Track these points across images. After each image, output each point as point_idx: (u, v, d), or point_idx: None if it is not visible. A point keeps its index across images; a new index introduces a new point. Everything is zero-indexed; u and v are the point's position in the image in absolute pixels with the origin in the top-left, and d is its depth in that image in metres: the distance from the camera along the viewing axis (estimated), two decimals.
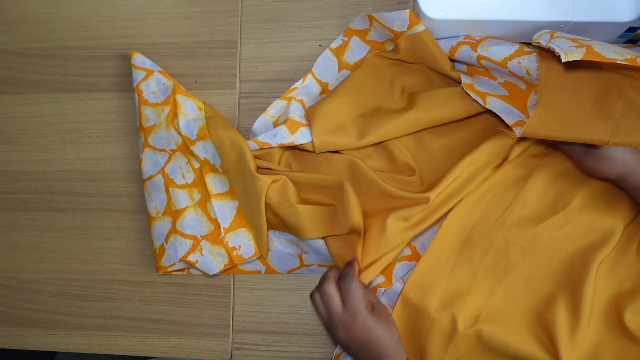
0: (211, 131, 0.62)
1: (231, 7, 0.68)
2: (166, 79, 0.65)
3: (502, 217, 0.58)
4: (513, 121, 0.55)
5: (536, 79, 0.53)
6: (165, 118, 0.64)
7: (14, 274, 0.70)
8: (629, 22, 0.53)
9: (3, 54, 0.72)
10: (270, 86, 0.67)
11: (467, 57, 0.58)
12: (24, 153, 0.71)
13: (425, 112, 0.58)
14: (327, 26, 0.67)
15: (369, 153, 0.63)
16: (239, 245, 0.62)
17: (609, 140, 0.48)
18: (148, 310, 0.67)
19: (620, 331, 0.54)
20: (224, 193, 0.63)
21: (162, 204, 0.64)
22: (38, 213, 0.70)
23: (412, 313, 0.58)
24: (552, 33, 0.51)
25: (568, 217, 0.57)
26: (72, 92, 0.71)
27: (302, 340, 0.64)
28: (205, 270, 0.63)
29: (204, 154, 0.63)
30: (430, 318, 0.56)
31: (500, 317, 0.56)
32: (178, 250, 0.63)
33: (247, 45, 0.68)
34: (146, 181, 0.65)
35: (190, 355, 0.66)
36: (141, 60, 0.66)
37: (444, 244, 0.59)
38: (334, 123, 0.60)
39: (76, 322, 0.68)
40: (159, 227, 0.64)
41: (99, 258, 0.69)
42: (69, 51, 0.71)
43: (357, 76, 0.62)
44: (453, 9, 0.55)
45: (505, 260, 0.57)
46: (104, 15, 0.71)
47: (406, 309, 0.58)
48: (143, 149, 0.65)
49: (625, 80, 0.48)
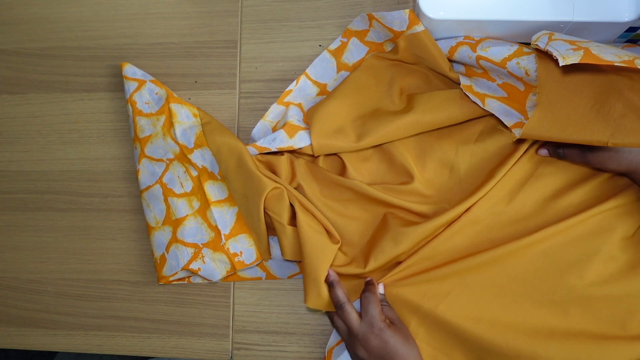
0: (208, 138, 0.62)
1: (231, 7, 0.68)
2: (159, 88, 0.65)
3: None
4: (512, 123, 0.55)
5: (535, 79, 0.53)
6: (161, 128, 0.64)
7: (14, 274, 0.70)
8: (629, 22, 0.53)
9: (3, 54, 0.72)
10: (270, 86, 0.67)
11: (466, 58, 0.58)
12: (24, 153, 0.71)
13: (424, 114, 0.58)
14: (327, 26, 0.67)
15: (368, 155, 0.63)
16: (240, 251, 0.62)
17: (609, 141, 0.48)
18: (148, 310, 0.67)
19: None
20: (223, 200, 0.63)
21: (162, 214, 0.64)
22: (38, 213, 0.70)
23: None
24: (550, 35, 0.50)
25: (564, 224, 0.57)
26: (72, 92, 0.71)
27: (302, 340, 0.64)
28: (208, 277, 0.63)
29: (202, 162, 0.62)
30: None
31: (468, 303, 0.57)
32: (180, 259, 0.63)
33: (247, 45, 0.68)
34: (144, 192, 0.65)
35: (190, 355, 0.66)
36: (132, 71, 0.66)
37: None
38: (332, 125, 0.60)
39: (76, 322, 0.68)
40: (159, 237, 0.64)
41: (99, 258, 0.69)
42: (69, 51, 0.71)
43: (355, 77, 0.62)
44: (453, 9, 0.55)
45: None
46: (104, 15, 0.71)
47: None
48: (139, 159, 0.65)
49: (624, 81, 0.48)
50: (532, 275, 0.56)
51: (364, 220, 0.62)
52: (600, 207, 0.55)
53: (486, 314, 0.56)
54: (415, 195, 0.60)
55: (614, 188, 0.57)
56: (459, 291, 0.57)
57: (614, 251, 0.55)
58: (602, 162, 0.54)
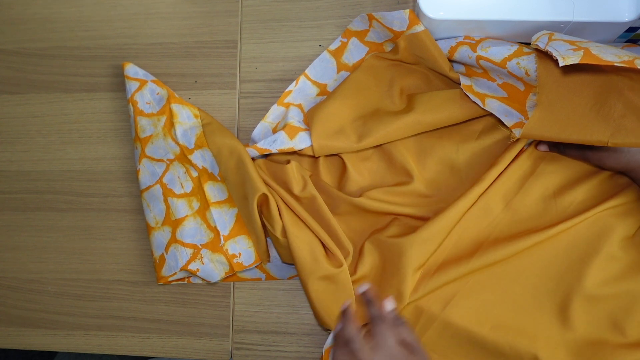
0: (208, 139, 0.62)
1: (231, 7, 0.68)
2: (160, 88, 0.65)
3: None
4: (512, 123, 0.55)
5: (535, 79, 0.53)
6: (162, 128, 0.64)
7: (14, 274, 0.70)
8: (629, 22, 0.53)
9: (3, 54, 0.72)
10: (270, 86, 0.67)
11: (466, 58, 0.58)
12: (24, 153, 0.71)
13: (425, 114, 0.58)
14: (327, 26, 0.66)
15: (368, 155, 0.63)
16: (239, 253, 0.62)
17: (608, 141, 0.48)
18: (148, 310, 0.67)
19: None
20: (222, 201, 0.63)
21: (161, 214, 0.64)
22: (38, 213, 0.70)
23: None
24: (550, 35, 0.50)
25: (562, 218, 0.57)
26: (72, 92, 0.71)
27: (302, 340, 0.64)
28: (207, 278, 0.63)
29: (202, 163, 0.62)
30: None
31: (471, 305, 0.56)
32: (178, 259, 0.63)
33: (247, 45, 0.68)
34: (144, 192, 0.65)
35: (190, 355, 0.66)
36: (134, 70, 0.66)
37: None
38: (333, 126, 0.60)
39: (76, 322, 0.68)
40: (159, 237, 0.64)
41: (99, 258, 0.69)
42: (69, 51, 0.71)
43: (355, 78, 0.62)
44: (453, 9, 0.55)
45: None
46: (104, 15, 0.71)
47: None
48: (140, 159, 0.65)
49: (624, 82, 0.48)
50: (534, 276, 0.56)
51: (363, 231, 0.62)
52: (601, 207, 0.55)
53: (489, 317, 0.56)
54: (415, 195, 0.60)
55: (615, 187, 0.57)
56: (462, 294, 0.57)
57: (615, 251, 0.55)
58: (601, 160, 0.55)
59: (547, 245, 0.56)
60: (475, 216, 0.58)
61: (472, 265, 0.56)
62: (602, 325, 0.54)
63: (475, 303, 0.56)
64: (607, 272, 0.55)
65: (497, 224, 0.58)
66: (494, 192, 0.59)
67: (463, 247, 0.58)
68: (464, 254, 0.58)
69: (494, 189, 0.58)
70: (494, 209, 0.58)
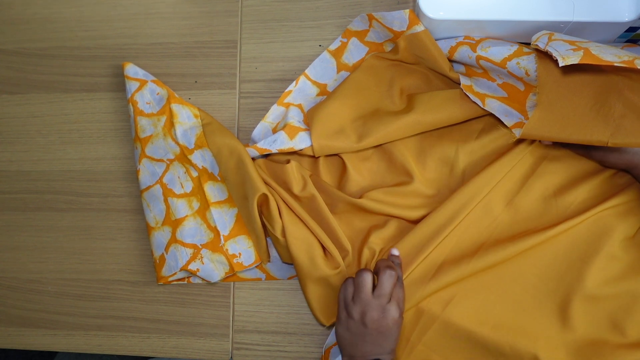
0: (208, 139, 0.62)
1: (231, 7, 0.68)
2: (160, 88, 0.65)
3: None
4: (512, 123, 0.55)
5: (535, 79, 0.53)
6: (162, 128, 0.64)
7: (14, 274, 0.70)
8: (629, 22, 0.53)
9: (3, 54, 0.72)
10: (270, 86, 0.67)
11: (466, 58, 0.58)
12: (24, 153, 0.71)
13: (425, 114, 0.58)
14: (327, 26, 0.67)
15: (369, 155, 0.63)
16: (239, 253, 0.62)
17: (609, 140, 0.48)
18: (148, 310, 0.67)
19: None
20: (222, 201, 0.63)
21: (161, 214, 0.64)
22: (38, 213, 0.70)
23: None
24: (550, 35, 0.51)
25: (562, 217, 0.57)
26: (72, 92, 0.71)
27: (302, 340, 0.64)
28: (207, 278, 0.63)
29: (202, 163, 0.62)
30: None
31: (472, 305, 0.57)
32: (179, 259, 0.63)
33: (247, 45, 0.68)
34: (144, 192, 0.65)
35: (190, 355, 0.66)
36: (134, 70, 0.66)
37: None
38: (333, 126, 0.60)
39: (76, 322, 0.68)
40: (159, 237, 0.64)
41: (99, 258, 0.69)
42: (69, 51, 0.71)
43: (355, 78, 0.62)
44: (453, 9, 0.55)
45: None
46: (104, 15, 0.71)
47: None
48: (140, 159, 0.65)
49: (624, 82, 0.48)
50: (535, 276, 0.56)
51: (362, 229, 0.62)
52: (602, 207, 0.55)
53: (490, 317, 0.56)
54: (416, 195, 0.60)
55: (615, 187, 0.57)
56: (462, 294, 0.57)
57: (616, 251, 0.55)
58: (603, 156, 0.55)
59: (547, 246, 0.56)
60: (475, 216, 0.58)
61: (473, 266, 0.56)
62: (602, 325, 0.54)
63: (476, 303, 0.56)
64: (607, 272, 0.55)
65: (498, 224, 0.58)
66: (495, 192, 0.58)
67: (464, 248, 0.58)
68: (464, 254, 0.58)
69: (494, 189, 0.58)
70: (495, 208, 0.58)
